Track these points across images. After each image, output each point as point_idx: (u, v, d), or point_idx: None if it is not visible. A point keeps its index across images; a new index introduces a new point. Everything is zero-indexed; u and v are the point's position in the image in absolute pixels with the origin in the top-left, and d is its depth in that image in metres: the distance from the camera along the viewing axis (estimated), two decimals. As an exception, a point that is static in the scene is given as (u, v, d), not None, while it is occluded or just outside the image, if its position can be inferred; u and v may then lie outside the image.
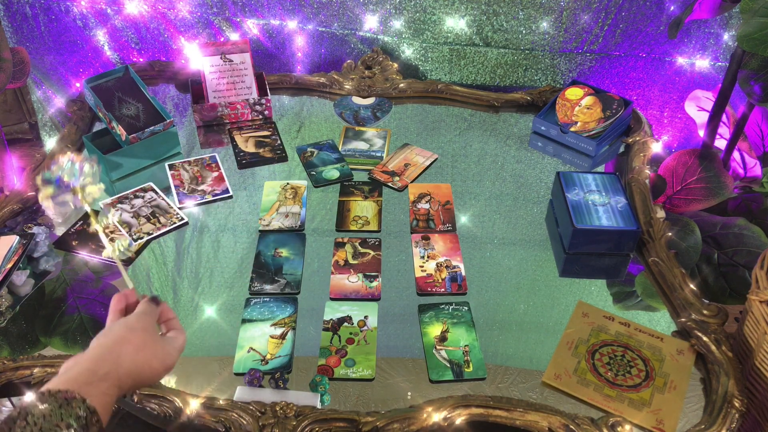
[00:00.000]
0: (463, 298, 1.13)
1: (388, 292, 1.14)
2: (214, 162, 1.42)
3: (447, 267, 1.18)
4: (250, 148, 1.48)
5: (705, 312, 1.06)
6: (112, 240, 1.05)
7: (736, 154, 1.52)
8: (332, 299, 1.12)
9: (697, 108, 1.59)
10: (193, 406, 0.91)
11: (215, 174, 1.39)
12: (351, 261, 1.19)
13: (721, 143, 1.53)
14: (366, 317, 1.08)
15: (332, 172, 1.40)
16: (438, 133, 1.54)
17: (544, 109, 1.55)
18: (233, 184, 1.37)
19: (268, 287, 1.14)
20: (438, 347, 1.03)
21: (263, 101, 1.55)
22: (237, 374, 0.99)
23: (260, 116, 1.57)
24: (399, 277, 1.17)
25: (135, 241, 1.22)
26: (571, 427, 0.88)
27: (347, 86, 1.66)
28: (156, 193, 1.33)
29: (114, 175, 1.37)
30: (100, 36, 1.75)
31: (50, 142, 1.66)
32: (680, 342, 1.03)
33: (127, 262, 1.19)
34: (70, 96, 1.76)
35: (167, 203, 1.30)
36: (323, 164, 1.43)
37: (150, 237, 1.23)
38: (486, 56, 1.69)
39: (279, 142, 1.50)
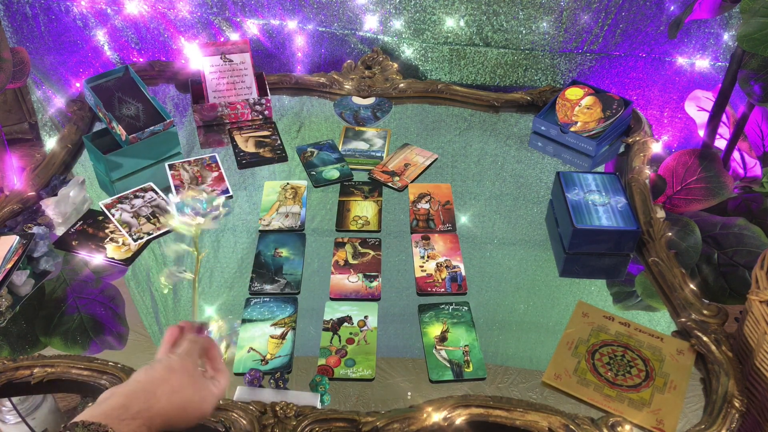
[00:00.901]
0: (463, 298, 1.13)
1: (388, 292, 1.14)
2: (214, 162, 1.42)
3: (447, 267, 1.18)
4: (250, 148, 1.48)
5: (705, 312, 1.06)
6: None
7: (736, 154, 1.52)
8: (332, 299, 1.12)
9: (697, 108, 1.59)
10: (193, 406, 0.91)
11: (215, 174, 1.39)
12: (351, 261, 1.19)
13: (721, 143, 1.53)
14: (366, 317, 1.08)
15: (332, 172, 1.40)
16: (438, 133, 1.54)
17: (544, 109, 1.55)
18: (233, 184, 1.37)
19: (268, 287, 1.14)
20: (438, 347, 1.03)
21: (263, 101, 1.55)
22: (237, 374, 0.99)
23: (260, 116, 1.57)
24: (399, 277, 1.17)
25: (135, 241, 1.22)
26: (571, 427, 0.88)
27: (347, 86, 1.66)
28: (156, 193, 1.33)
29: (114, 175, 1.37)
30: (100, 36, 1.75)
31: (50, 142, 1.65)
32: (680, 342, 1.03)
33: (127, 261, 1.19)
34: (70, 96, 1.76)
35: (167, 203, 1.30)
36: (323, 164, 1.43)
37: (150, 237, 1.23)
38: (486, 56, 1.69)
39: (279, 142, 1.50)
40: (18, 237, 1.15)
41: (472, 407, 0.91)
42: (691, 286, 1.10)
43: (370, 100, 1.65)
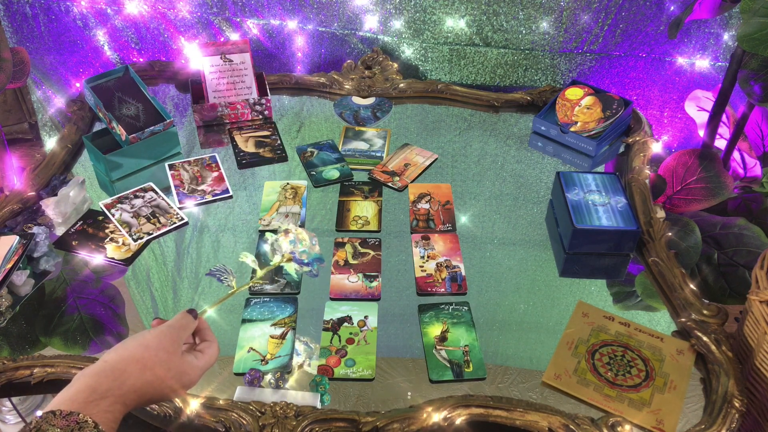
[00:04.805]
0: (463, 298, 1.13)
1: (388, 292, 1.14)
2: (214, 162, 1.42)
3: (447, 267, 1.18)
4: (250, 148, 1.48)
5: (705, 312, 1.06)
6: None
7: (736, 154, 1.52)
8: (332, 299, 1.12)
9: (697, 108, 1.59)
10: (193, 406, 0.91)
11: (215, 174, 1.39)
12: (351, 261, 1.19)
13: (721, 143, 1.53)
14: (366, 317, 1.08)
15: (332, 172, 1.40)
16: (438, 133, 1.54)
17: (544, 109, 1.55)
18: (233, 184, 1.37)
19: (268, 287, 1.14)
20: (438, 347, 1.03)
21: (263, 101, 1.55)
22: (237, 374, 0.99)
23: (260, 116, 1.57)
24: (399, 277, 1.17)
25: (135, 241, 1.22)
26: (571, 427, 0.88)
27: (347, 86, 1.66)
28: (156, 193, 1.33)
29: (114, 175, 1.37)
30: (100, 36, 1.75)
31: (50, 142, 1.65)
32: (680, 342, 1.03)
33: (127, 261, 1.19)
34: (70, 96, 1.76)
35: (167, 203, 1.30)
36: (323, 164, 1.43)
37: (150, 237, 1.23)
38: (486, 56, 1.69)
39: (279, 142, 1.50)
40: (18, 237, 1.15)
41: (472, 407, 0.91)
42: (691, 286, 1.10)
43: (370, 100, 1.64)
